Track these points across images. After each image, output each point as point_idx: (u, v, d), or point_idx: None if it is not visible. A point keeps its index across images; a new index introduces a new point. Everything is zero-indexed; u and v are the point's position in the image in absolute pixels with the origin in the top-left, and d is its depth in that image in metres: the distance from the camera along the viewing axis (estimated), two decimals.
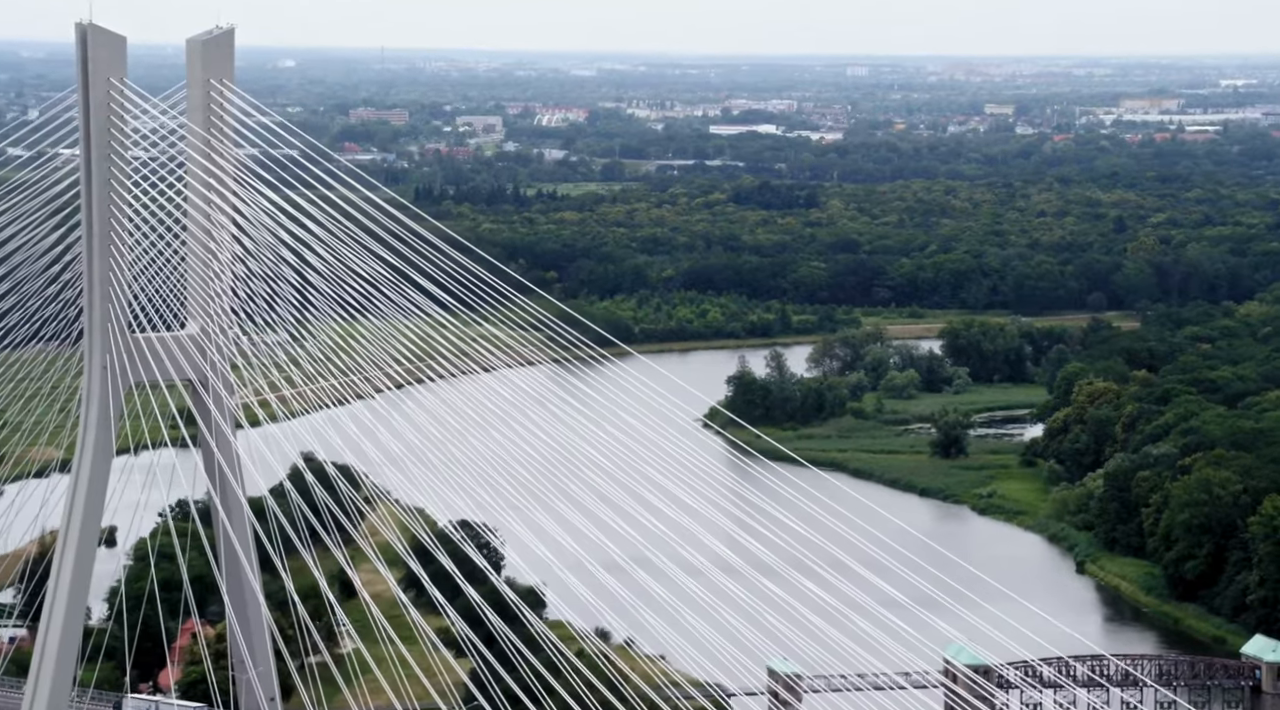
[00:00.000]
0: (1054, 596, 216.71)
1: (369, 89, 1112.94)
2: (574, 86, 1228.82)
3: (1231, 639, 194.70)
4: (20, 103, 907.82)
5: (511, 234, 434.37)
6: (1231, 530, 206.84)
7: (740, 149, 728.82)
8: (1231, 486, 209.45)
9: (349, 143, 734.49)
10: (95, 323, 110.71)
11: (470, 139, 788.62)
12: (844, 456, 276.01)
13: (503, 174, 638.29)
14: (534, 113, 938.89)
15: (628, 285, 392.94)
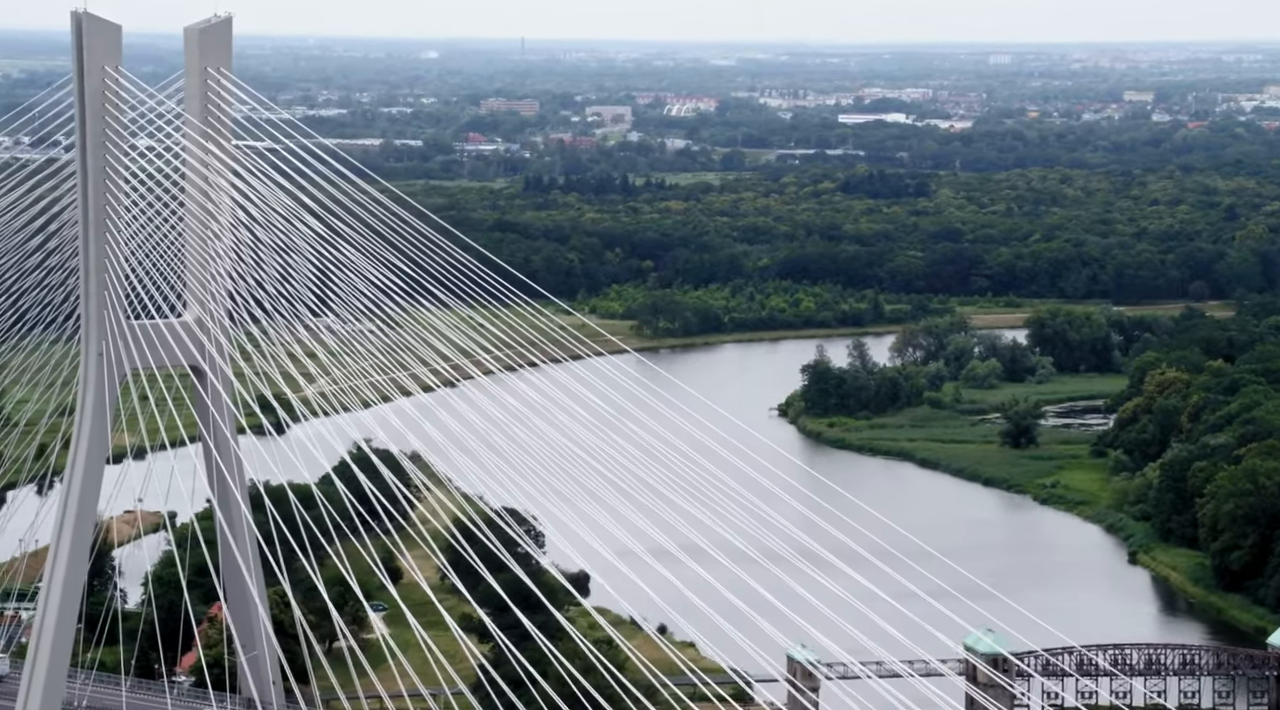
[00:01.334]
0: (1098, 587, 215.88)
1: (505, 79, 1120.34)
2: (711, 76, 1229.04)
3: (1273, 630, 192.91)
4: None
5: (614, 223, 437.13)
6: (1277, 521, 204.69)
7: (864, 138, 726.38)
8: (1278, 477, 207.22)
9: (473, 133, 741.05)
10: (91, 310, 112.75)
11: (597, 129, 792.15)
12: (913, 446, 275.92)
13: (622, 163, 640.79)
14: (664, 103, 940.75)
15: (723, 274, 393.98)
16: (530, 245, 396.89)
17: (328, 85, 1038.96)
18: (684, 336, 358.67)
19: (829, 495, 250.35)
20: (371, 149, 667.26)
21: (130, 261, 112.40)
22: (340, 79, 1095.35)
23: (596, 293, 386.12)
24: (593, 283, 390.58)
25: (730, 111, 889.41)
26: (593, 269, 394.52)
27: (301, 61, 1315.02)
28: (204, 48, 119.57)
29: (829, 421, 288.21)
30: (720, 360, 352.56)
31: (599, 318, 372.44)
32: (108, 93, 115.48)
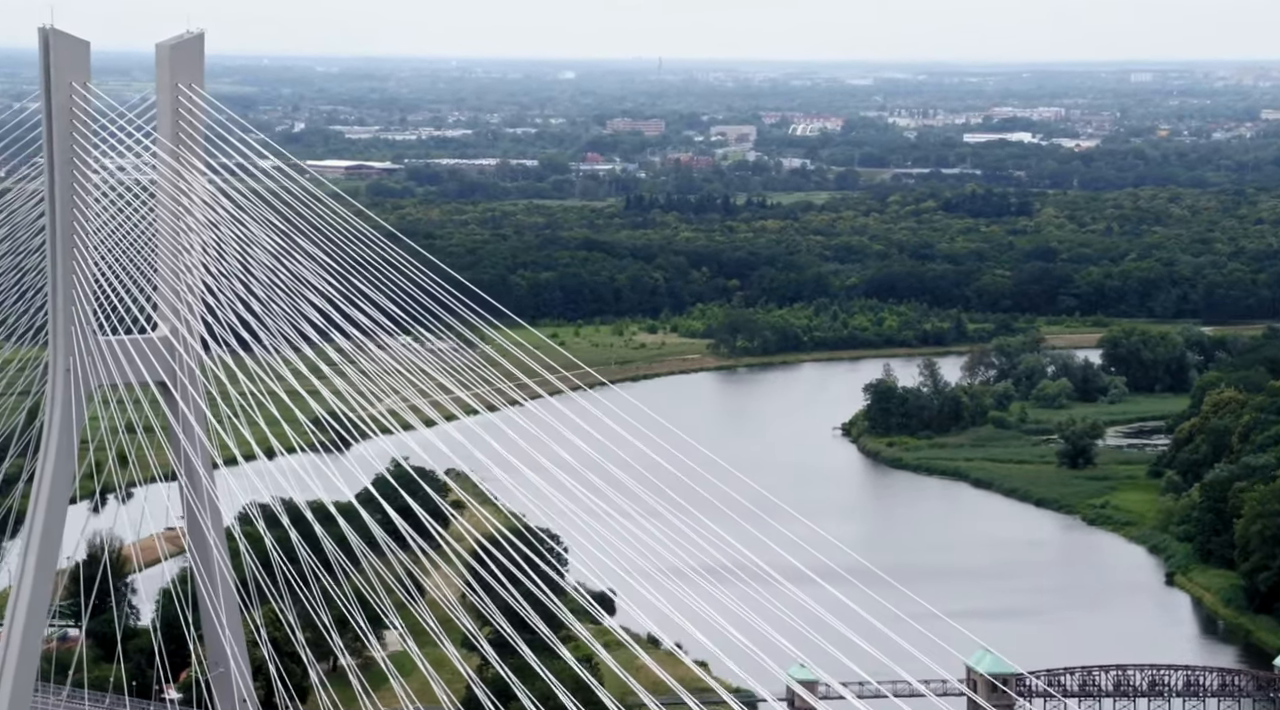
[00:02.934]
0: (1129, 608, 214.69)
1: (637, 100, 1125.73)
2: (844, 96, 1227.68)
3: None
4: (294, 113, 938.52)
5: (707, 242, 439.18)
6: None
7: (983, 157, 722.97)
8: None
9: (592, 153, 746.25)
10: (59, 325, 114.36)
11: (718, 149, 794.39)
12: (969, 465, 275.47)
13: (735, 183, 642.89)
14: (790, 122, 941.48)
15: (809, 293, 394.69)
16: (615, 264, 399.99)
17: (460, 106, 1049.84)
18: (762, 355, 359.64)
19: (865, 515, 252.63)
20: (487, 169, 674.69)
21: (100, 277, 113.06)
22: (474, 100, 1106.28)
23: (681, 311, 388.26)
24: (677, 301, 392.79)
25: (855, 131, 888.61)
26: (677, 288, 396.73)
27: (439, 83, 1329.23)
28: (175, 64, 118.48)
29: (888, 441, 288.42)
30: (796, 379, 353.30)
31: (680, 336, 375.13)
32: (75, 108, 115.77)
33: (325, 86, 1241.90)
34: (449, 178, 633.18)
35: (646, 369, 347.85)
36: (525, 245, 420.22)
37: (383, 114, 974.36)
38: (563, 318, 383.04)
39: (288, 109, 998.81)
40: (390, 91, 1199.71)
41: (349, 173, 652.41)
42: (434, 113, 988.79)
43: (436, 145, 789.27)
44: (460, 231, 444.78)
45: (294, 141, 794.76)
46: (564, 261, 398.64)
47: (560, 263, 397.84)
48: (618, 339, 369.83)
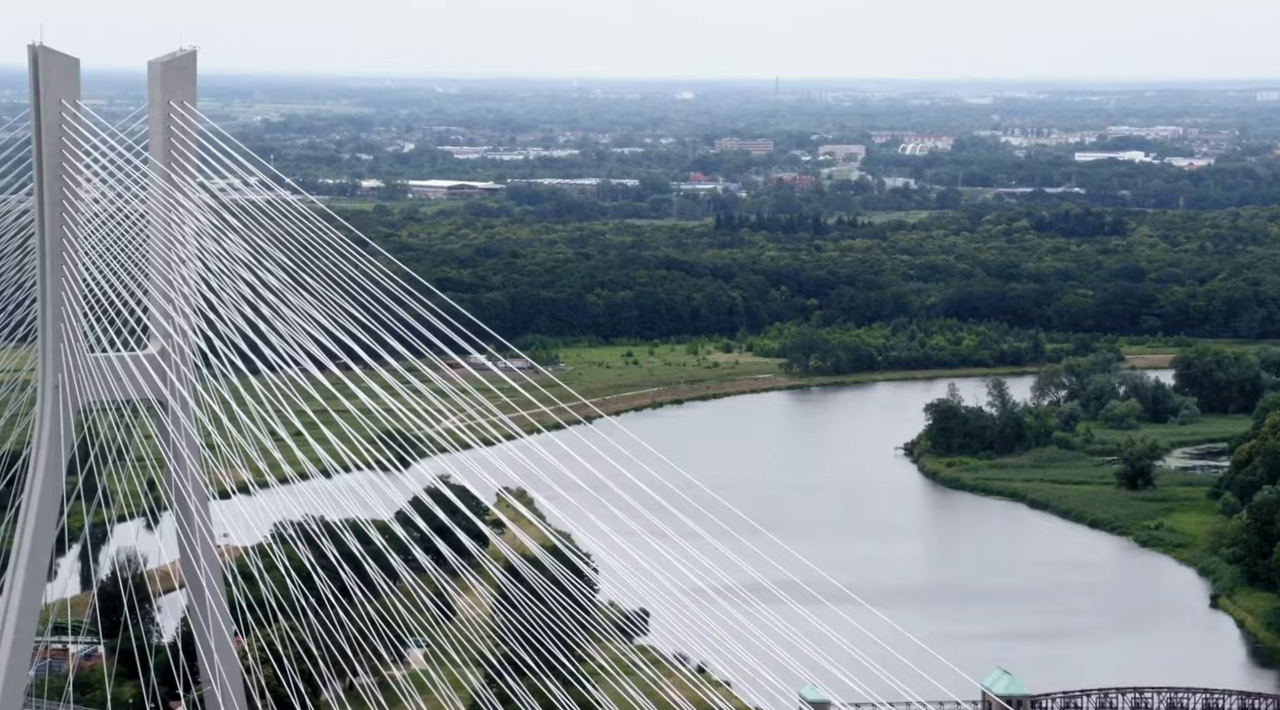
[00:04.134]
0: (1169, 630, 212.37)
1: (751, 119, 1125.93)
2: (961, 115, 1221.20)
3: None
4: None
5: (791, 261, 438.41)
6: None
7: (1089, 176, 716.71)
8: None
9: (695, 173, 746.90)
10: (47, 342, 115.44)
11: (825, 168, 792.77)
12: (1027, 486, 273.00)
13: (834, 202, 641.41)
14: (900, 141, 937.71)
15: (888, 312, 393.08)
16: (693, 283, 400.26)
17: (573, 126, 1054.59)
18: (834, 375, 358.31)
19: (911, 535, 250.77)
20: (588, 188, 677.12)
21: (90, 293, 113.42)
22: (587, 121, 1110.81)
23: (758, 331, 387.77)
24: (755, 320, 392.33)
25: (965, 150, 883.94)
26: (755, 307, 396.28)
27: (556, 104, 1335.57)
28: (167, 81, 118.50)
29: (948, 461, 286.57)
30: (867, 399, 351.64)
31: (754, 356, 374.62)
32: (65, 126, 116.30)
33: (442, 107, 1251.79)
34: (548, 197, 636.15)
35: (717, 388, 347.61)
36: (606, 264, 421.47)
37: (494, 134, 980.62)
38: (639, 336, 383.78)
39: (401, 130, 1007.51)
40: (506, 112, 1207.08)
41: (451, 193, 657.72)
42: (545, 133, 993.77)
43: (542, 165, 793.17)
44: (544, 250, 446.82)
45: (402, 161, 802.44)
46: (642, 281, 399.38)
47: (638, 282, 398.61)
48: (692, 358, 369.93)
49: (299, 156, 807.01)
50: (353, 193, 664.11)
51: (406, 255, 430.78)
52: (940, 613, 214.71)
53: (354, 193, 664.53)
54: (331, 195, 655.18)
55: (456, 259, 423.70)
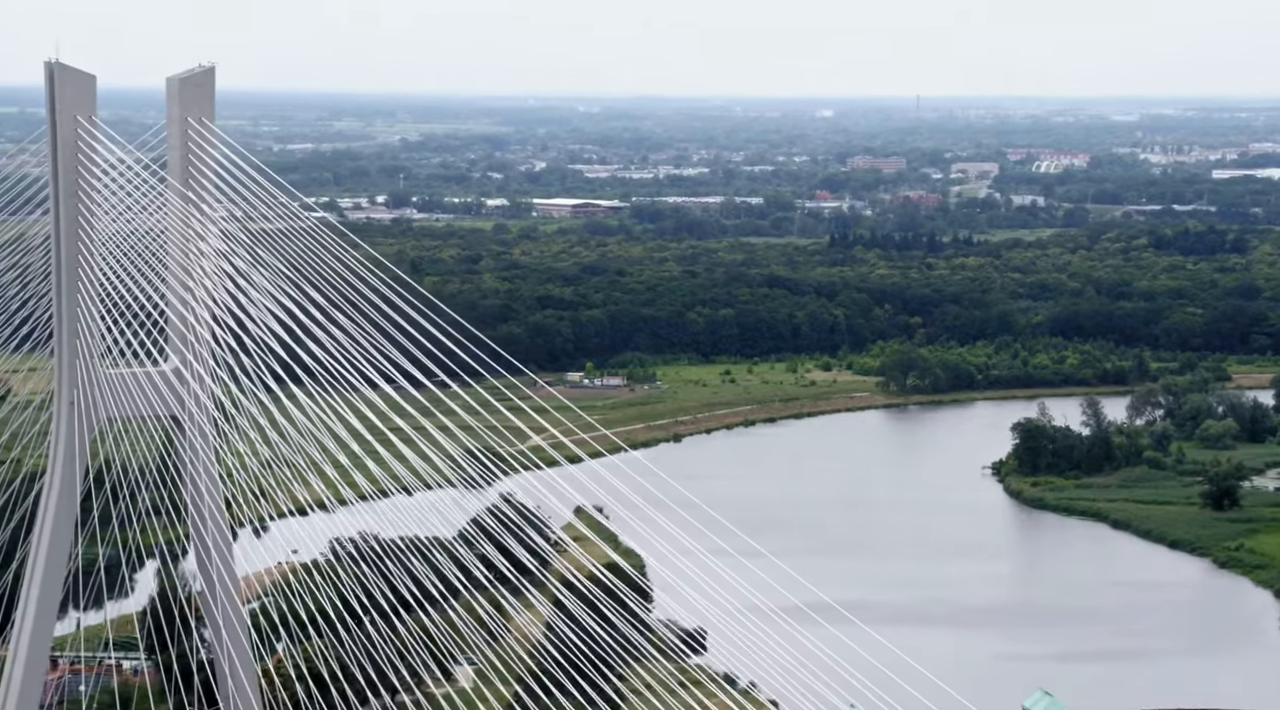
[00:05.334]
0: (1233, 651, 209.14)
1: (887, 137, 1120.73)
2: (1102, 132, 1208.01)
3: None
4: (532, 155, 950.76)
5: (900, 279, 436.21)
6: None
7: (1223, 193, 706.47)
8: None
9: (821, 191, 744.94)
10: (63, 358, 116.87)
11: (956, 186, 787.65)
12: (1110, 507, 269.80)
13: (958, 220, 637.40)
14: (1035, 158, 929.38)
15: (992, 331, 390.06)
16: (795, 301, 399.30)
17: (709, 144, 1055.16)
18: (932, 393, 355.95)
19: (984, 554, 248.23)
20: (711, 207, 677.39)
21: (107, 311, 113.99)
22: (723, 139, 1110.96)
23: (860, 349, 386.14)
24: (857, 339, 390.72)
25: (1101, 167, 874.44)
26: (858, 325, 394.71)
27: (694, 122, 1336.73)
28: (185, 98, 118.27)
29: (1033, 480, 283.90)
30: (964, 418, 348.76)
31: (853, 374, 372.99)
32: (80, 143, 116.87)
33: (580, 126, 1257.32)
34: (670, 215, 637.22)
35: (811, 406, 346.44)
36: (711, 282, 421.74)
37: (627, 153, 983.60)
38: (740, 354, 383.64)
39: (536, 149, 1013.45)
40: (644, 131, 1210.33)
41: (575, 211, 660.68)
42: (679, 151, 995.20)
43: (671, 183, 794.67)
44: (652, 268, 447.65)
45: (532, 180, 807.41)
46: (744, 299, 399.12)
47: (740, 300, 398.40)
48: (790, 376, 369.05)
49: (430, 175, 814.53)
50: (477, 211, 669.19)
51: (512, 272, 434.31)
52: (1008, 632, 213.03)
53: (479, 211, 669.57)
54: (456, 214, 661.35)
55: (562, 277, 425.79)
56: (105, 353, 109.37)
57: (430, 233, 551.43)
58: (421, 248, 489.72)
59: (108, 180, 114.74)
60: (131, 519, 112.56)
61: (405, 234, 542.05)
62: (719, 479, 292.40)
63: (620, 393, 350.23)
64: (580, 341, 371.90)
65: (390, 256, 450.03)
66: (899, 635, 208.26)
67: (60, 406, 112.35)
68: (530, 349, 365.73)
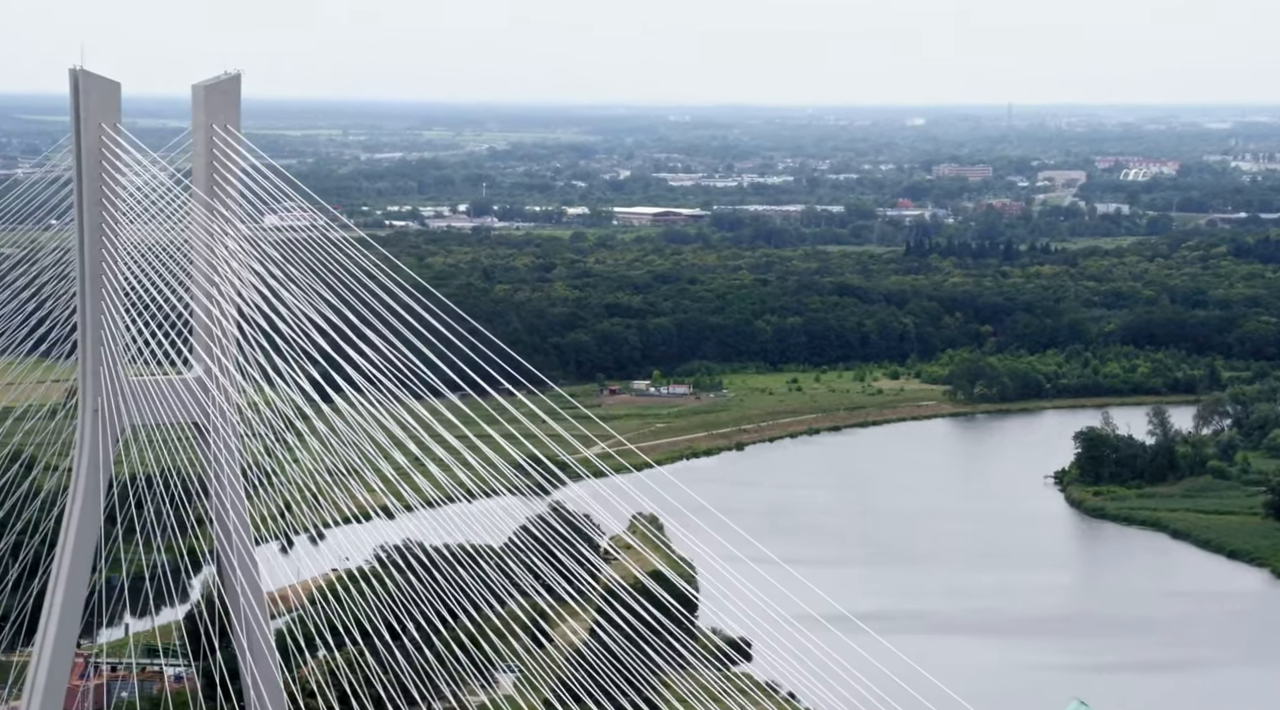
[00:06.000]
0: (1277, 662, 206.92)
1: (976, 146, 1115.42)
2: (1195, 140, 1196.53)
3: None
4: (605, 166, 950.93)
5: (973, 288, 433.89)
6: None
7: None
8: None
9: (903, 199, 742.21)
10: (88, 366, 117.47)
11: (1041, 194, 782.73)
12: (1171, 517, 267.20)
13: (1039, 228, 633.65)
14: (1124, 166, 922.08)
15: (1063, 339, 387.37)
16: (864, 309, 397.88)
17: (796, 153, 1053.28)
18: (1000, 402, 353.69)
19: (1037, 563, 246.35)
20: (792, 215, 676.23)
21: (132, 319, 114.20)
22: (811, 147, 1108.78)
23: (930, 357, 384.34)
24: (926, 347, 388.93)
25: (1190, 175, 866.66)
26: (927, 333, 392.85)
27: (784, 130, 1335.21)
28: (210, 105, 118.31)
29: (1094, 490, 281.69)
30: (1031, 427, 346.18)
31: (921, 382, 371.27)
32: (105, 150, 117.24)
33: (668, 135, 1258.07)
34: (749, 223, 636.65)
35: (877, 415, 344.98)
36: (781, 290, 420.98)
37: (712, 162, 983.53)
38: (808, 363, 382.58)
39: (622, 157, 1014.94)
40: (731, 139, 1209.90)
41: (655, 219, 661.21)
42: (765, 160, 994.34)
43: (754, 191, 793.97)
44: (724, 277, 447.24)
45: (616, 188, 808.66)
46: (814, 307, 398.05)
47: (809, 308, 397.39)
48: (858, 384, 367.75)
49: (514, 184, 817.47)
50: (558, 220, 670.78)
51: (583, 281, 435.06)
52: (1056, 643, 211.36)
53: (559, 220, 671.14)
54: (537, 222, 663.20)
55: (632, 285, 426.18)
56: (132, 359, 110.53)
57: (507, 241, 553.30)
58: (496, 256, 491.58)
59: (132, 188, 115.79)
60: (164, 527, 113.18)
61: (482, 242, 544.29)
62: (778, 487, 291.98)
63: (685, 401, 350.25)
64: (648, 349, 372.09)
65: (465, 264, 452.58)
66: (946, 645, 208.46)
67: (85, 414, 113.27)
68: (597, 357, 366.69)
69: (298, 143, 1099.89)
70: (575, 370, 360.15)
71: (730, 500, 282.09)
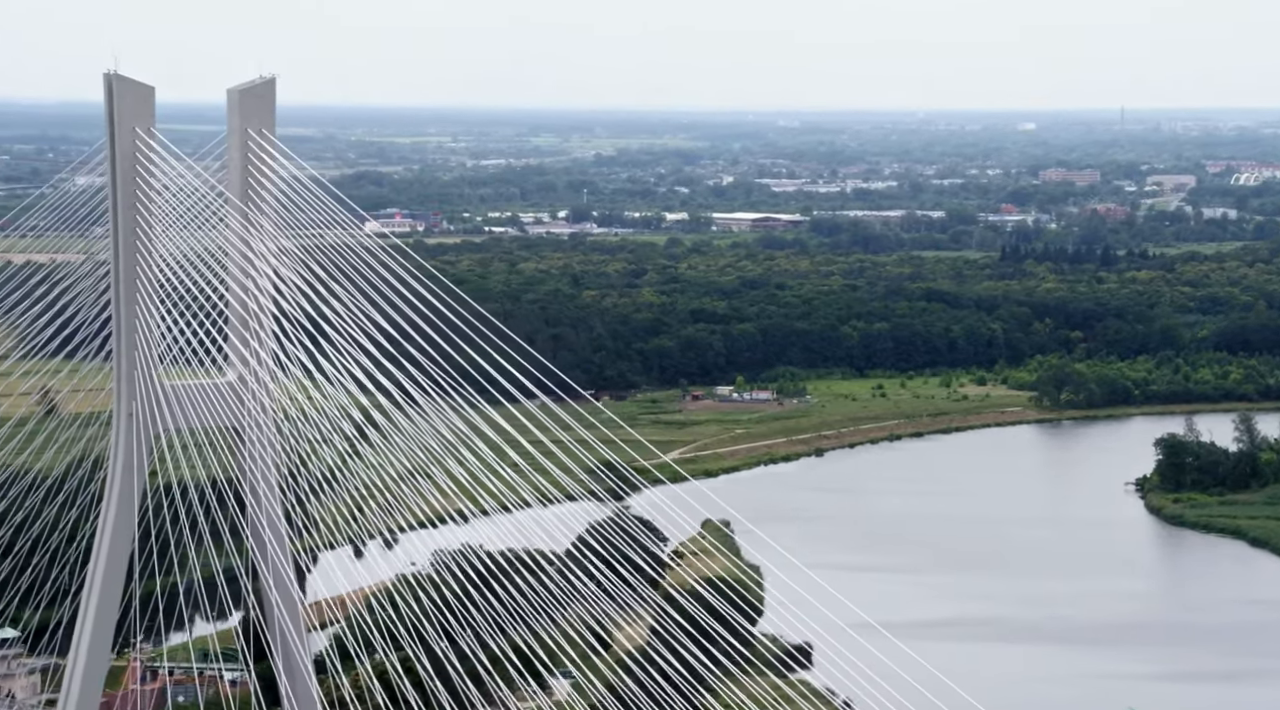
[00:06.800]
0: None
1: (1086, 150, 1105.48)
2: None
3: None
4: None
5: (1067, 293, 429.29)
6: None
7: None
8: None
9: (1006, 204, 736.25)
10: (122, 369, 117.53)
11: (1148, 199, 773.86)
12: (1251, 524, 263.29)
13: (1143, 233, 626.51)
14: (1235, 171, 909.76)
15: (1155, 345, 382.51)
16: (953, 315, 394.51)
17: (903, 158, 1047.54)
18: (1087, 408, 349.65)
19: (1107, 570, 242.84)
20: (892, 220, 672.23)
21: (167, 318, 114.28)
22: (919, 152, 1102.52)
23: (1018, 363, 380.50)
24: (1015, 353, 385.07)
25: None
26: (1016, 339, 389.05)
27: (892, 136, 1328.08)
28: (245, 109, 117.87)
29: (1174, 497, 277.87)
30: (1117, 433, 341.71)
31: (1008, 389, 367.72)
32: (139, 154, 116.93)
33: (776, 140, 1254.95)
34: (848, 229, 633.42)
35: (960, 421, 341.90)
36: (870, 296, 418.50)
37: (817, 167, 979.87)
38: (894, 369, 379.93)
39: (727, 163, 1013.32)
40: (839, 145, 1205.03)
41: (754, 225, 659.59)
42: (870, 165, 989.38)
43: (856, 197, 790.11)
44: (812, 283, 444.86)
45: (718, 194, 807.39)
46: (901, 313, 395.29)
47: (897, 314, 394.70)
48: (944, 391, 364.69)
49: (616, 190, 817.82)
50: (656, 226, 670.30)
51: (671, 286, 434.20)
52: (1121, 651, 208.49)
53: (658, 226, 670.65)
54: (635, 228, 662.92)
55: (720, 290, 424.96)
56: (171, 362, 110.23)
57: (601, 247, 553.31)
58: (588, 262, 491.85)
59: (167, 193, 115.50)
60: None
61: (576, 248, 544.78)
62: (854, 494, 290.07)
63: (768, 406, 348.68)
64: (732, 355, 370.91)
65: (555, 270, 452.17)
66: (1009, 652, 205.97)
67: (119, 419, 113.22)
68: (681, 362, 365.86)
69: (406, 149, 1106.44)
70: (659, 376, 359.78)
71: (805, 506, 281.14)
